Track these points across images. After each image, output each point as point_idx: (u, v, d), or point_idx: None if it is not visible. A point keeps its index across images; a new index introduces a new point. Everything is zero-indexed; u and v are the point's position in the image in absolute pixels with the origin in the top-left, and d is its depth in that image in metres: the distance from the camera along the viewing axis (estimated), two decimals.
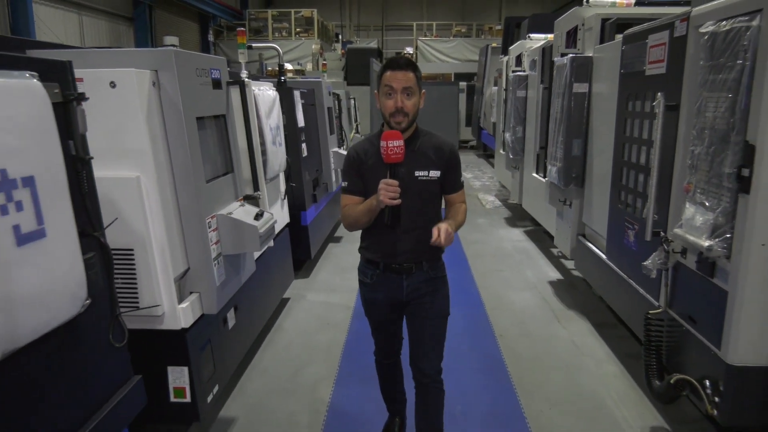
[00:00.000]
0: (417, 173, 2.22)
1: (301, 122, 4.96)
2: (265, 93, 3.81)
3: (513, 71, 7.12)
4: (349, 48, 12.97)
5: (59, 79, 1.54)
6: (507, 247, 6.29)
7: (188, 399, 2.56)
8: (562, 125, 4.39)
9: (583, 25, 4.47)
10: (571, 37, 4.69)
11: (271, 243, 3.65)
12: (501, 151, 8.19)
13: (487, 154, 14.55)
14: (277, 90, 4.19)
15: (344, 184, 2.31)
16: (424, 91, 2.24)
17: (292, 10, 19.21)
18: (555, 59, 4.70)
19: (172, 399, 2.56)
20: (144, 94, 2.29)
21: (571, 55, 4.29)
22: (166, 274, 2.37)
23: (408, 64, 2.16)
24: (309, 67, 13.67)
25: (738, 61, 2.19)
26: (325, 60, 13.80)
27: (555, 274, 5.31)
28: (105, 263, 1.67)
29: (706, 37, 2.40)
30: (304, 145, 5.07)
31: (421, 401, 2.43)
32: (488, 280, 5.12)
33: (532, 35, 7.11)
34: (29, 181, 1.30)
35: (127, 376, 1.83)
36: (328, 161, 5.99)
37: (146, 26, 15.15)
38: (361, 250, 2.41)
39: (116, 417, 1.71)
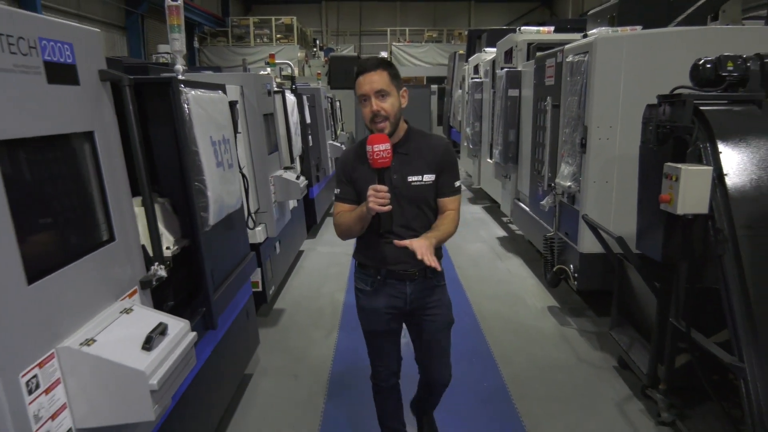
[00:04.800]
0: (410, 179, 2.08)
1: (308, 119, 6.52)
2: (289, 97, 5.37)
3: (472, 78, 8.81)
4: (331, 56, 14.59)
5: (223, 92, 3.09)
6: (468, 218, 7.95)
7: (261, 288, 4.12)
8: (501, 119, 6.06)
9: (516, 46, 6.15)
10: (508, 55, 6.37)
11: (296, 203, 5.22)
12: (464, 144, 9.88)
13: (457, 150, 16.26)
14: (294, 95, 5.77)
15: (337, 191, 2.20)
16: (405, 88, 2.07)
17: (273, 18, 20.50)
18: (497, 71, 6.38)
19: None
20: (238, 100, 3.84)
21: (506, 69, 5.96)
22: (249, 208, 3.93)
23: (379, 63, 1.99)
24: (294, 72, 15.18)
25: (580, 79, 3.85)
26: (310, 66, 15.37)
27: (502, 233, 7.00)
28: (244, 186, 3.23)
29: (569, 64, 4.07)
30: (309, 137, 6.64)
31: (426, 395, 2.56)
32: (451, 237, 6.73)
33: (486, 49, 8.75)
34: (228, 141, 2.85)
35: (249, 251, 3.39)
36: (325, 150, 7.59)
37: (138, 35, 16.41)
38: (357, 256, 2.28)
39: (247, 270, 3.27)
